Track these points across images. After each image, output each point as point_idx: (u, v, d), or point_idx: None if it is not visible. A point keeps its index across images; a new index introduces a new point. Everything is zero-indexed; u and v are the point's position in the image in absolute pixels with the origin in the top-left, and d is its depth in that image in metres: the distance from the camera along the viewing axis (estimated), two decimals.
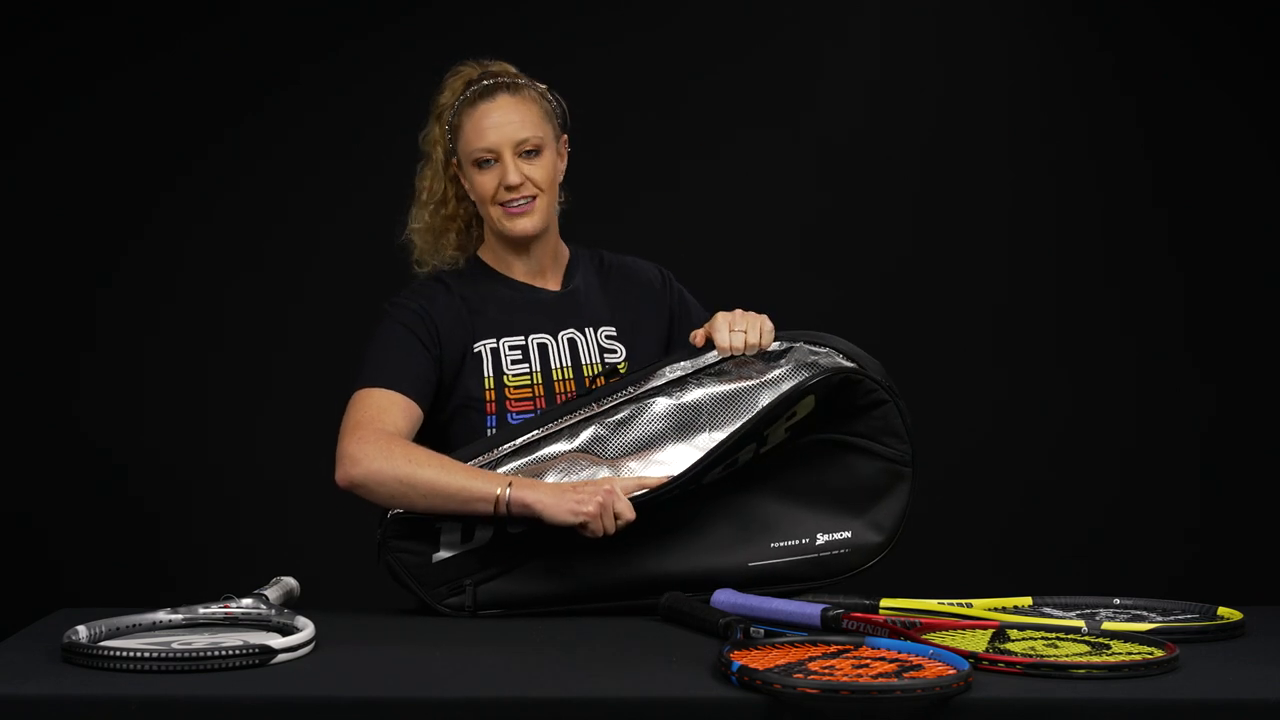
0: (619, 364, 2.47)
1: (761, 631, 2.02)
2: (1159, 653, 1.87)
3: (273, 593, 2.22)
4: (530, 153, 2.51)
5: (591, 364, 2.53)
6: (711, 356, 2.40)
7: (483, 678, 1.89)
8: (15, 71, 4.02)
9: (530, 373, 2.52)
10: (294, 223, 4.05)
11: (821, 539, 2.38)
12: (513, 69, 2.59)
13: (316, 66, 4.03)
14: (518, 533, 2.30)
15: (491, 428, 2.49)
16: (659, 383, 2.39)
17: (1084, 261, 4.07)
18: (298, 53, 4.03)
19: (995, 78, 4.07)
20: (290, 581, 2.30)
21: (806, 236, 4.07)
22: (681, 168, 4.04)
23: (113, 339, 4.04)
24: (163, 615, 2.05)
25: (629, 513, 2.26)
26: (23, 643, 2.08)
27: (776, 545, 2.36)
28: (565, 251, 2.65)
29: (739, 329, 2.40)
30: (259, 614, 2.07)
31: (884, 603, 2.15)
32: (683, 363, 2.40)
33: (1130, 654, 1.88)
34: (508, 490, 2.25)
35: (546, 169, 2.53)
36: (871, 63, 4.06)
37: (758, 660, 1.83)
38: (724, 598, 2.20)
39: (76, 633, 1.94)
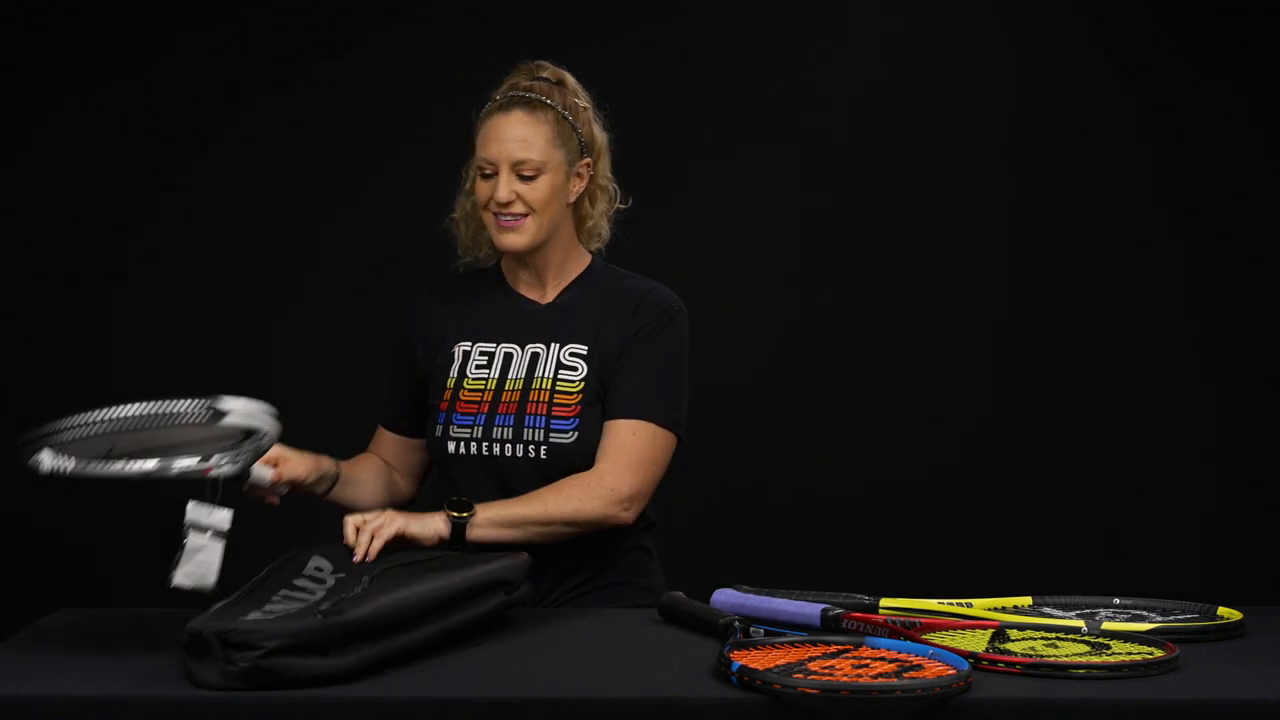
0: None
1: (761, 631, 2.02)
2: (1159, 653, 1.87)
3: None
4: (528, 175, 2.52)
5: (544, 378, 2.54)
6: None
7: (483, 678, 1.89)
8: (16, 71, 4.02)
9: (486, 379, 2.56)
10: (300, 219, 4.05)
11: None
12: (556, 79, 2.59)
13: (334, 56, 4.04)
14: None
15: (440, 424, 2.56)
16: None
17: (1084, 262, 4.06)
18: (312, 42, 4.03)
19: (997, 78, 4.07)
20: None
21: (806, 236, 4.07)
22: (677, 169, 4.03)
23: (116, 340, 4.04)
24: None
25: None
26: (23, 643, 2.08)
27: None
28: (579, 265, 2.64)
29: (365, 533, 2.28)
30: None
31: (884, 602, 2.15)
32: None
33: (1130, 654, 1.88)
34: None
35: (541, 191, 2.52)
36: (870, 62, 4.06)
37: (758, 660, 1.83)
38: (724, 598, 2.20)
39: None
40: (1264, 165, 4.04)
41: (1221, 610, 2.14)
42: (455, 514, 2.37)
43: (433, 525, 2.35)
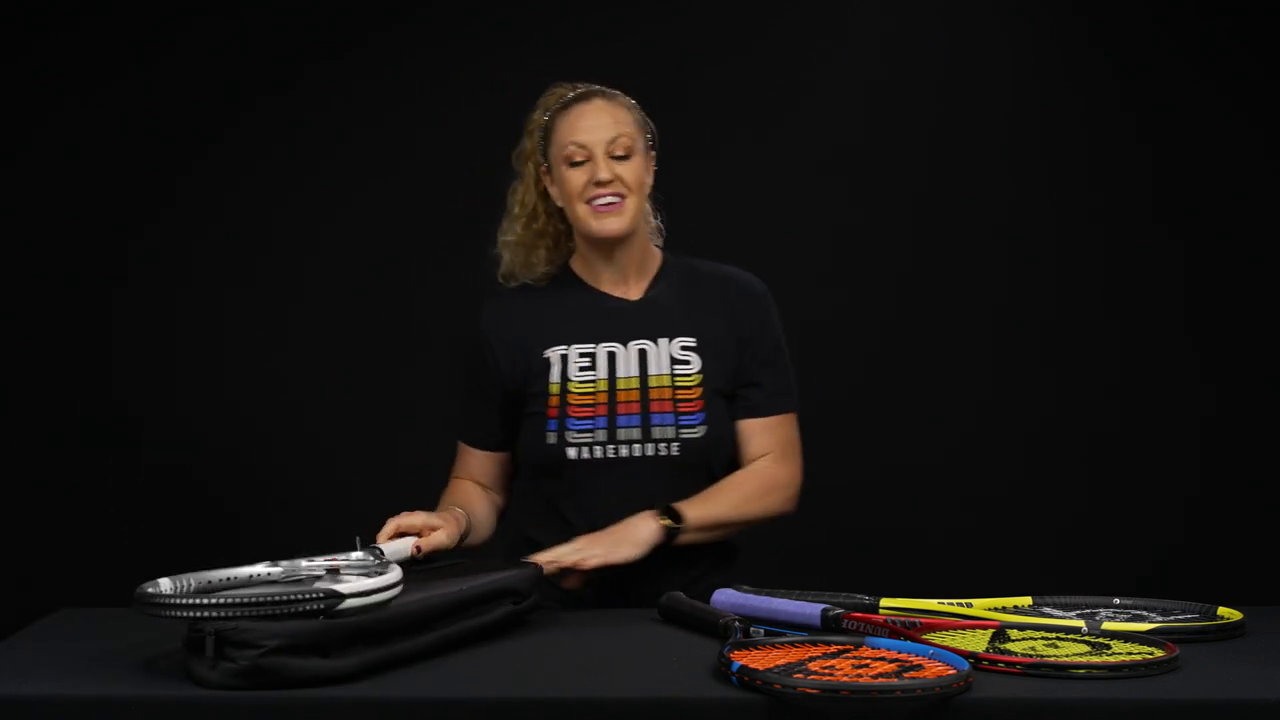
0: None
1: (761, 631, 2.02)
2: (1159, 653, 1.87)
3: (389, 547, 2.20)
4: (621, 155, 2.53)
5: (661, 374, 2.54)
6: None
7: (483, 678, 1.89)
8: (16, 71, 4.02)
9: (595, 380, 2.54)
10: (300, 219, 4.05)
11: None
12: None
13: (334, 56, 4.04)
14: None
15: (552, 430, 2.52)
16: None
17: (1084, 262, 4.06)
18: (312, 42, 4.04)
19: (997, 78, 4.07)
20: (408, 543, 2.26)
21: (805, 237, 4.07)
22: (676, 169, 4.02)
23: (116, 340, 4.04)
24: (261, 569, 2.00)
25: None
26: (23, 643, 2.08)
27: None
28: (655, 259, 2.65)
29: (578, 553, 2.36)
30: (366, 564, 2.03)
31: (884, 603, 2.15)
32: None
33: (1130, 654, 1.88)
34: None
35: (636, 171, 2.55)
36: (870, 62, 4.06)
37: (758, 660, 1.83)
38: (724, 598, 2.20)
39: (158, 585, 1.84)
40: (1264, 165, 4.03)
41: (1221, 610, 2.14)
42: (671, 523, 2.44)
43: (644, 537, 2.41)
